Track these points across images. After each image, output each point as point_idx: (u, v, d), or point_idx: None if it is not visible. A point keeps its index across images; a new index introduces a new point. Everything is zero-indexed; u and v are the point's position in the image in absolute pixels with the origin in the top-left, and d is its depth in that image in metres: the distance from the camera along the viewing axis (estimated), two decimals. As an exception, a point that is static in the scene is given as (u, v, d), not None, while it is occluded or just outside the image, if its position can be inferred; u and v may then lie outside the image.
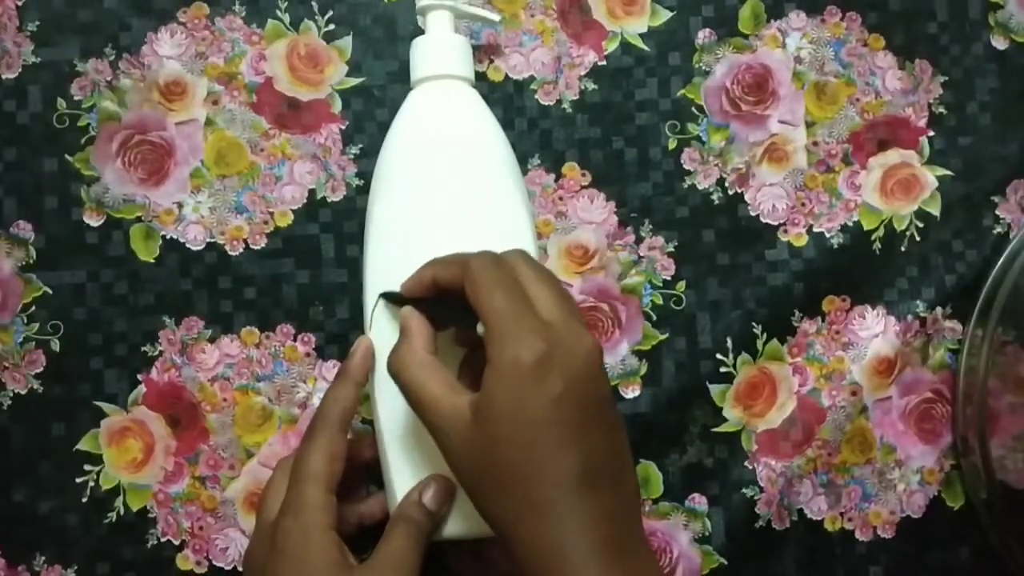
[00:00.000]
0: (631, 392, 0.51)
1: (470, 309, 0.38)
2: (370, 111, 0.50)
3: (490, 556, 0.49)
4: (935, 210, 0.52)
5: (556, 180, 0.51)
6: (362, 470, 0.46)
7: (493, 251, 0.40)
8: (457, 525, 0.43)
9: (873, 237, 0.52)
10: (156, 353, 0.49)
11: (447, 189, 0.44)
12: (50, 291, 0.49)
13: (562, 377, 0.36)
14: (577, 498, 0.36)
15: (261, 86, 0.50)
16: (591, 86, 0.51)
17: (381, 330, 0.43)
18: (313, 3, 0.51)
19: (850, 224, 0.52)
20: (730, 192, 0.52)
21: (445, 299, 0.40)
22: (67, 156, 0.50)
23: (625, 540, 0.36)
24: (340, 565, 0.40)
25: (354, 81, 0.50)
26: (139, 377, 0.49)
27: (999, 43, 0.53)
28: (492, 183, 0.44)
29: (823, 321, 0.52)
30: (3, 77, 0.50)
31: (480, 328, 0.38)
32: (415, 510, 0.41)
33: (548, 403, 0.36)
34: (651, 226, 0.51)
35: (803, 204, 0.52)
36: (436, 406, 0.38)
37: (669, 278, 0.51)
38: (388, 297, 0.43)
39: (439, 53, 0.46)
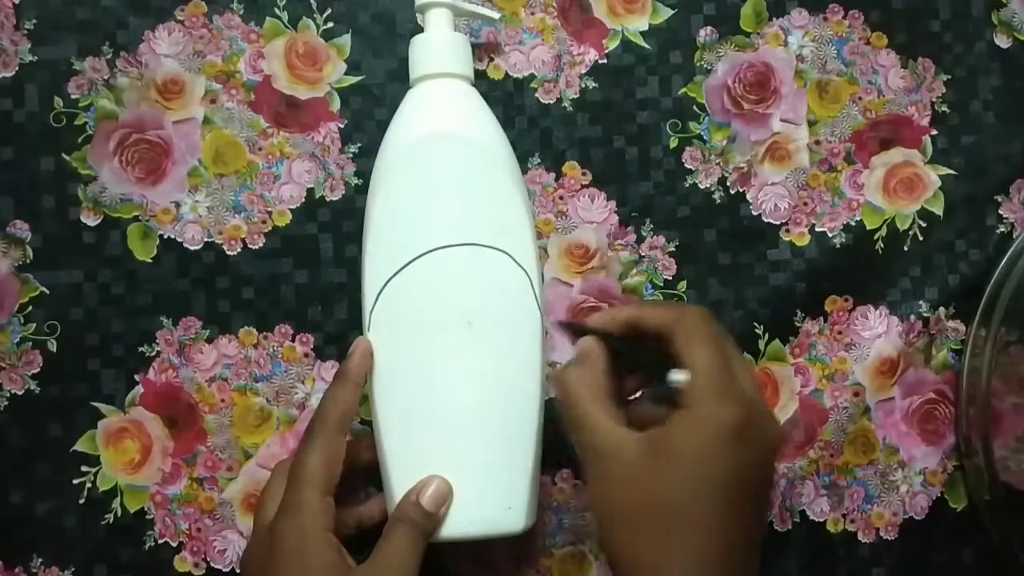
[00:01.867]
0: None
1: (653, 357, 0.40)
2: (369, 110, 0.50)
3: (490, 558, 0.49)
4: (938, 209, 0.52)
5: (556, 179, 0.51)
6: (361, 472, 0.46)
7: (703, 308, 0.42)
8: (456, 526, 0.42)
9: (876, 237, 0.52)
10: (153, 353, 0.49)
11: (446, 188, 0.43)
12: (47, 291, 0.49)
13: (751, 452, 0.37)
14: (721, 563, 0.37)
15: (259, 85, 0.50)
16: (592, 84, 0.51)
17: (379, 330, 0.43)
18: (312, 1, 0.50)
19: (852, 224, 0.52)
20: (732, 191, 0.51)
21: (625, 341, 0.42)
22: (64, 155, 0.49)
23: None
24: (337, 566, 0.40)
25: (353, 79, 0.50)
26: (136, 378, 0.49)
27: (1002, 41, 0.53)
28: (491, 181, 0.44)
29: (825, 321, 0.51)
30: (0, 76, 0.49)
31: (677, 376, 0.39)
32: (413, 511, 0.41)
33: (732, 468, 0.37)
34: (652, 225, 0.51)
35: (805, 203, 0.52)
36: (602, 430, 0.38)
37: (670, 278, 0.51)
38: (570, 328, 0.43)
39: (438, 51, 0.45)
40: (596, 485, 0.39)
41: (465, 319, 0.43)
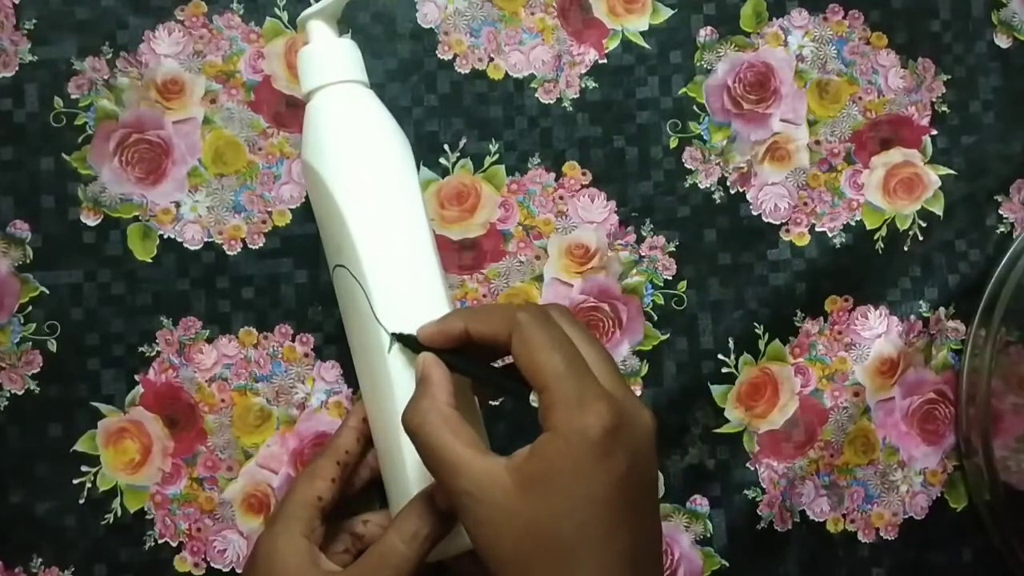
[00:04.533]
0: (632, 393, 0.50)
1: (495, 364, 0.37)
2: (369, 110, 0.50)
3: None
4: (938, 209, 0.52)
5: (556, 179, 0.51)
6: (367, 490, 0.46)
7: (537, 304, 0.38)
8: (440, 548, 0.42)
9: (876, 237, 0.52)
10: (153, 353, 0.49)
11: (343, 196, 0.42)
12: (47, 291, 0.49)
13: (626, 454, 0.34)
14: None
15: (259, 84, 0.50)
16: (592, 84, 0.51)
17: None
18: (312, 1, 0.50)
19: (852, 224, 0.52)
20: (732, 191, 0.51)
21: (466, 350, 0.39)
22: (64, 155, 0.49)
23: None
24: (306, 569, 0.40)
25: (353, 79, 0.50)
26: (136, 378, 0.49)
27: (1002, 41, 0.53)
28: (387, 181, 0.43)
29: (825, 321, 0.51)
30: (0, 75, 0.49)
31: (533, 400, 0.35)
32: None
33: (613, 481, 0.34)
34: (652, 225, 0.51)
35: (805, 203, 0.52)
36: (466, 469, 0.35)
37: (670, 278, 0.51)
38: (402, 340, 0.40)
39: (324, 61, 0.44)
40: (477, 531, 0.35)
41: (359, 341, 0.43)
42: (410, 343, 0.40)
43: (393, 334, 0.41)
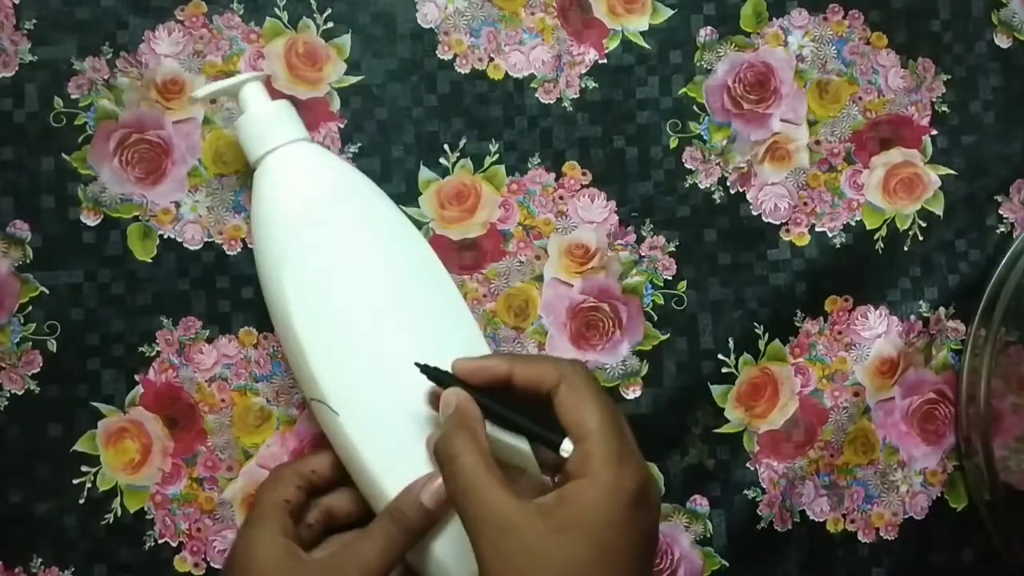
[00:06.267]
0: (632, 393, 0.50)
1: (525, 412, 0.38)
2: (369, 109, 0.50)
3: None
4: (938, 209, 0.52)
5: (556, 179, 0.51)
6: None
7: (578, 360, 0.41)
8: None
9: (876, 237, 0.52)
10: (153, 353, 0.49)
11: (343, 249, 0.44)
12: (47, 291, 0.49)
13: (651, 512, 0.37)
14: None
15: (259, 84, 0.50)
16: (592, 84, 0.51)
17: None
18: (312, 1, 0.50)
19: (852, 224, 0.52)
20: (732, 191, 0.51)
21: (497, 394, 0.40)
22: (64, 155, 0.49)
23: None
24: (286, 560, 0.41)
25: (353, 79, 0.50)
26: (136, 378, 0.49)
27: (1002, 41, 0.53)
28: (377, 222, 0.45)
29: (825, 321, 0.51)
30: (0, 75, 0.49)
31: (568, 445, 0.38)
32: (412, 508, 0.41)
33: (641, 534, 0.37)
34: (652, 225, 0.51)
35: (805, 203, 0.52)
36: (498, 505, 0.36)
37: (670, 278, 0.51)
38: (428, 372, 0.41)
39: (268, 126, 0.45)
40: (500, 565, 0.36)
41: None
42: (437, 376, 0.41)
43: (418, 364, 0.41)
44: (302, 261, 0.43)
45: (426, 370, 0.41)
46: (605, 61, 0.51)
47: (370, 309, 0.40)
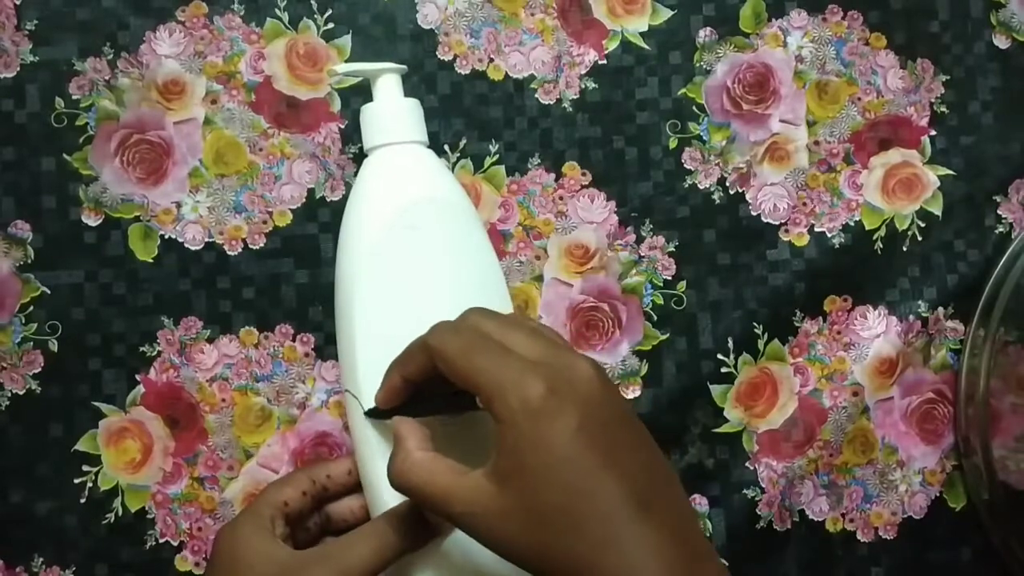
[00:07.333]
0: (632, 392, 0.50)
1: (451, 388, 0.37)
2: (369, 110, 0.50)
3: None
4: (937, 210, 0.52)
5: (556, 179, 0.51)
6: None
7: (445, 320, 0.39)
8: None
9: (875, 237, 0.52)
10: (154, 353, 0.49)
11: (424, 259, 0.44)
12: (48, 291, 0.49)
13: (574, 407, 0.34)
14: (636, 524, 0.33)
15: (260, 85, 0.50)
16: (591, 85, 0.51)
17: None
18: (312, 2, 0.50)
19: (851, 224, 0.52)
20: (731, 192, 0.51)
21: (425, 391, 0.40)
22: (65, 155, 0.49)
23: (694, 557, 0.34)
24: (270, 547, 0.40)
25: (353, 80, 0.50)
26: (137, 377, 0.49)
27: (1001, 42, 0.53)
28: (463, 243, 0.45)
29: (824, 321, 0.52)
30: (1, 76, 0.49)
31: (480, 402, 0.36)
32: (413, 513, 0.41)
33: (571, 436, 0.34)
34: (652, 226, 0.51)
35: (804, 204, 0.52)
36: (453, 494, 0.35)
37: (670, 278, 0.51)
38: (374, 415, 0.42)
39: (393, 120, 0.45)
40: (491, 542, 0.35)
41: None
42: (378, 415, 0.42)
43: (366, 412, 0.42)
44: (385, 256, 0.43)
45: (369, 414, 0.42)
46: (605, 62, 0.51)
47: (430, 321, 0.40)
